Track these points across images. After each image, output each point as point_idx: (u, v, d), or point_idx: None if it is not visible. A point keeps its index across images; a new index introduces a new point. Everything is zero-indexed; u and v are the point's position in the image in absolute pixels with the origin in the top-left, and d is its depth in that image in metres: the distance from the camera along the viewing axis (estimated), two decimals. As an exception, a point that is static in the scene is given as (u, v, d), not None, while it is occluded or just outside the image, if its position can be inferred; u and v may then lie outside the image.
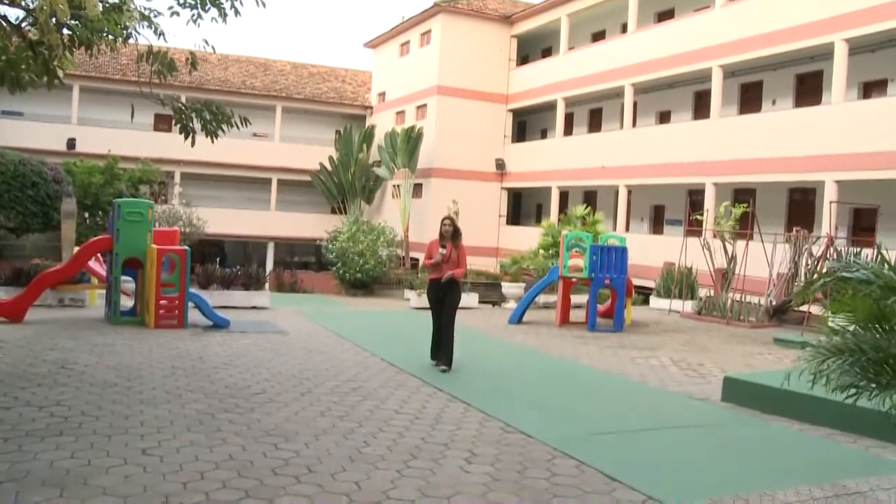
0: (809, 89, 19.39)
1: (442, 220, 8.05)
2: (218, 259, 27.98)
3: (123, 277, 10.84)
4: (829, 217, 14.85)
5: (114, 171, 22.28)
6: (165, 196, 27.29)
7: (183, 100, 7.66)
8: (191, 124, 6.93)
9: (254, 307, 13.64)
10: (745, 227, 15.33)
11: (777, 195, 19.55)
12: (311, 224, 31.45)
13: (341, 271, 23.38)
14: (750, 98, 21.19)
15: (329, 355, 8.76)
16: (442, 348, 7.92)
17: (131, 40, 6.91)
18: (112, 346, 8.55)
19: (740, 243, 15.07)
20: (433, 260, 7.90)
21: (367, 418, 5.85)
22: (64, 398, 5.99)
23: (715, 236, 15.91)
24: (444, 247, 7.86)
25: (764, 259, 14.36)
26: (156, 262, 10.15)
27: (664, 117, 24.22)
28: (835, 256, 12.42)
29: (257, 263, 27.29)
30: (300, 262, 34.01)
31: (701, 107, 22.20)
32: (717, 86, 19.98)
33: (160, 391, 6.41)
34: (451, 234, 7.95)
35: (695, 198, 21.43)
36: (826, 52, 17.44)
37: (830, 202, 15.06)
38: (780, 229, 17.85)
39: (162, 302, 10.30)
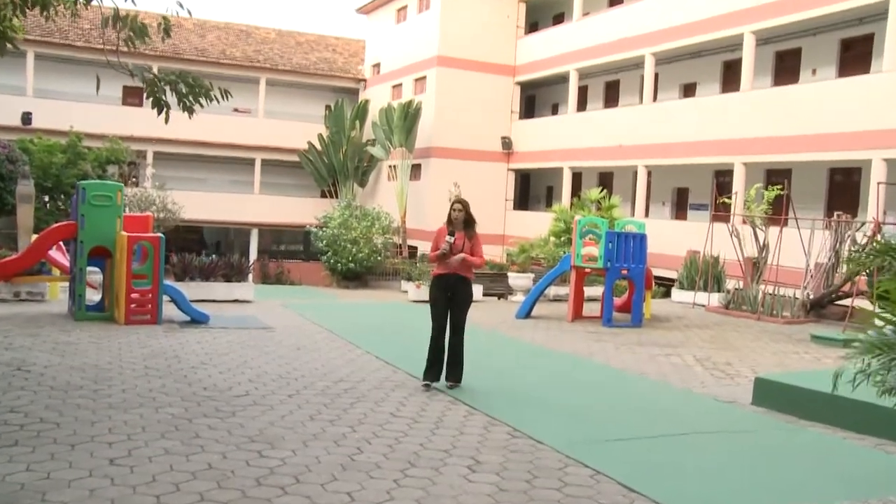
0: (856, 56, 19.03)
1: (452, 203, 7.20)
2: (214, 245, 27.99)
3: (89, 268, 10.82)
4: (875, 200, 14.72)
5: (77, 149, 22.16)
6: (136, 178, 27.18)
7: (155, 70, 7.57)
8: (164, 97, 6.85)
9: (236, 300, 13.64)
10: (778, 211, 15.27)
11: (816, 176, 19.42)
12: (299, 209, 31.43)
13: (332, 261, 23.37)
14: (786, 67, 21.01)
15: (319, 353, 8.76)
16: (449, 361, 7.06)
17: (95, 2, 6.83)
18: (76, 345, 8.54)
19: (773, 230, 15.02)
20: (439, 251, 6.99)
21: (360, 422, 5.84)
22: (19, 404, 5.96)
23: (745, 222, 15.84)
24: (451, 234, 6.98)
25: (800, 247, 14.31)
26: (126, 251, 10.12)
27: (689, 90, 24.09)
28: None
29: (239, 252, 27.27)
30: (287, 251, 33.98)
31: (730, 78, 22.06)
32: (749, 54, 19.81)
33: (131, 394, 6.40)
34: (462, 220, 7.09)
35: (722, 179, 21.35)
36: (878, 13, 17.07)
37: (878, 183, 14.88)
38: (818, 214, 17.78)
39: (133, 295, 10.28)
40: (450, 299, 7.02)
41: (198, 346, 8.87)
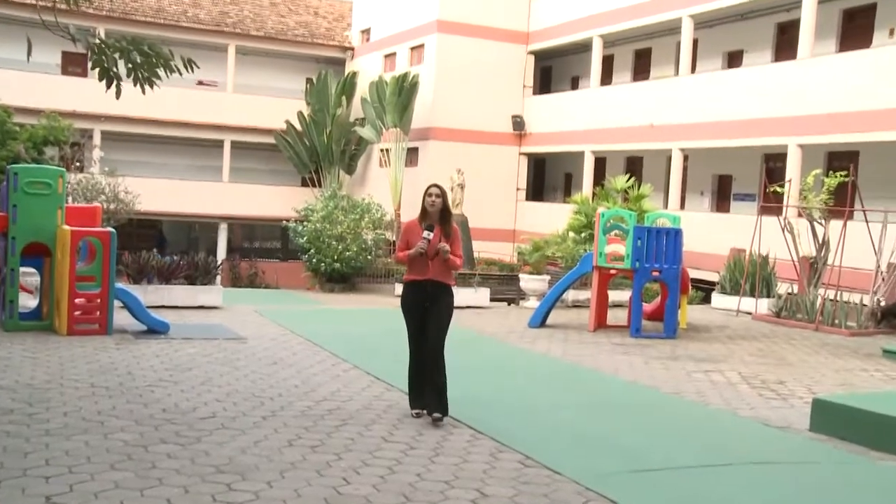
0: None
1: (426, 190, 6.84)
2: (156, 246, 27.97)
3: (23, 269, 10.78)
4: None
5: (6, 126, 22.05)
6: (81, 162, 27.07)
7: (102, 34, 7.54)
8: (114, 68, 6.81)
9: (201, 307, 13.65)
10: (842, 202, 15.22)
11: (890, 159, 19.24)
12: (276, 200, 31.44)
13: (315, 260, 23.37)
14: (855, 29, 20.85)
15: (298, 368, 8.76)
16: (430, 390, 6.74)
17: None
18: (7, 360, 8.50)
19: (835, 224, 14.97)
20: (413, 251, 6.70)
21: (347, 448, 5.84)
22: (-64, 432, 5.92)
23: (800, 215, 15.80)
24: (431, 228, 6.69)
25: (868, 245, 14.25)
26: (69, 248, 10.09)
27: (734, 59, 24.07)
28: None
29: (206, 250, 27.29)
30: (261, 249, 33.98)
31: (785, 44, 22.00)
32: (809, 14, 19.67)
33: (74, 418, 6.37)
34: (439, 210, 6.81)
35: (773, 164, 21.32)
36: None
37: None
38: (892, 205, 17.64)
39: (78, 301, 10.24)
40: (425, 310, 6.78)
41: (156, 360, 8.84)
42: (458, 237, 6.93)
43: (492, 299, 16.98)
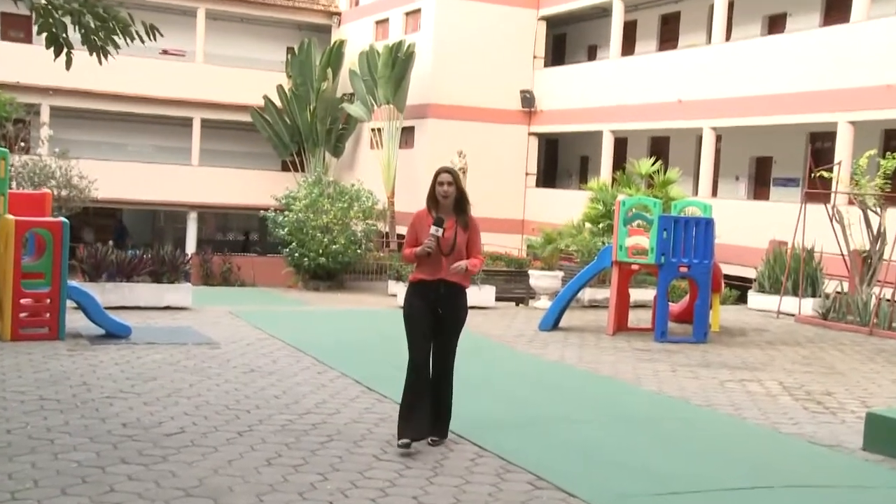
0: None
1: (436, 175, 6.63)
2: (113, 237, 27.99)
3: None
4: None
5: (-63, 100, 22.07)
6: (27, 142, 27.01)
7: (50, -6, 7.51)
8: (64, 34, 6.80)
9: (168, 307, 13.68)
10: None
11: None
12: (253, 186, 31.48)
13: (297, 255, 23.40)
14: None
15: (279, 377, 8.77)
16: (432, 409, 6.53)
17: None
18: (-57, 369, 8.50)
19: (893, 212, 14.95)
20: (422, 247, 6.44)
21: (334, 468, 5.84)
22: None
23: (851, 202, 15.77)
24: (440, 223, 6.47)
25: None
26: (13, 241, 10.07)
27: (776, 23, 24.03)
28: None
29: (173, 243, 27.29)
30: (236, 242, 33.97)
31: (836, 4, 21.94)
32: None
33: (19, 436, 6.35)
34: (453, 199, 6.62)
35: (820, 144, 21.31)
36: None
37: None
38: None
39: (24, 301, 10.23)
40: (435, 316, 6.55)
41: (115, 368, 8.83)
42: (477, 231, 6.69)
43: (497, 298, 16.99)
